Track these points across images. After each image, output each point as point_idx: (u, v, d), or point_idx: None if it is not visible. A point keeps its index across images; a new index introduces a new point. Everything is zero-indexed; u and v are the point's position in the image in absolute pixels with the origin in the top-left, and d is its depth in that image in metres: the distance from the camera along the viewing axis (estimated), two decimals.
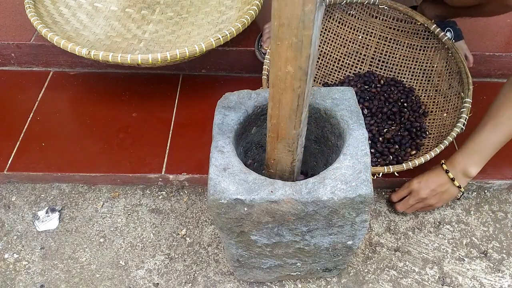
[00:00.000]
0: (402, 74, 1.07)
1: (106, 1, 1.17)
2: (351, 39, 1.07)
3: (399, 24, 1.05)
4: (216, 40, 0.91)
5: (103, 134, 1.04)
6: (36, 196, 0.98)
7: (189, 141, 1.02)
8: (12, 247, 0.90)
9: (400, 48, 1.06)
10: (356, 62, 1.08)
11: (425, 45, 1.04)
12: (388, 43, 1.06)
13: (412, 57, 1.06)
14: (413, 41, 1.05)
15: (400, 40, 1.06)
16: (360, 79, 1.06)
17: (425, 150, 0.94)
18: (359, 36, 1.05)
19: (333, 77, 1.07)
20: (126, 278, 0.86)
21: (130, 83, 1.15)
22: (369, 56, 1.07)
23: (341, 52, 1.07)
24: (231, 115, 0.69)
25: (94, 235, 0.92)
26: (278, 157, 0.64)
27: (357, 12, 1.04)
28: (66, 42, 0.92)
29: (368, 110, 1.01)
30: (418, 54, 1.05)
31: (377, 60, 1.08)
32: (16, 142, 1.01)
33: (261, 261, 0.74)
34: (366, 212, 0.63)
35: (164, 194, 0.99)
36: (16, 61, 1.18)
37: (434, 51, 1.03)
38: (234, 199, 0.59)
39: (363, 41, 1.06)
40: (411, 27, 1.04)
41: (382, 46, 1.07)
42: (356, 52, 1.07)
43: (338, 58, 1.07)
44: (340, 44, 1.07)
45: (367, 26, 1.05)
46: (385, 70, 1.08)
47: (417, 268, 0.88)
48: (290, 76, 0.51)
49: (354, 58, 1.08)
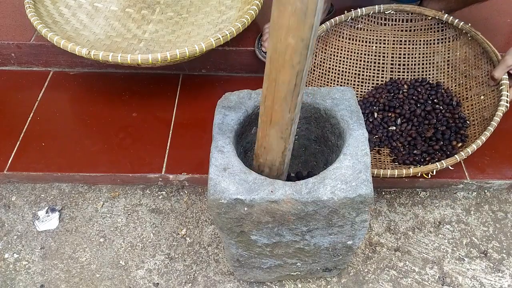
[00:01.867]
0: (427, 71, 1.05)
1: (106, 1, 1.17)
2: (365, 51, 1.05)
3: (409, 25, 1.03)
4: (216, 40, 0.91)
5: (103, 134, 1.04)
6: (36, 196, 0.98)
7: (189, 141, 1.02)
8: (12, 247, 0.90)
9: (417, 47, 1.05)
10: (376, 72, 1.06)
11: (442, 37, 1.02)
12: (403, 46, 1.05)
13: (431, 52, 1.04)
14: (428, 37, 1.03)
15: (415, 40, 1.04)
16: (383, 90, 1.04)
17: (474, 138, 0.92)
18: (372, 47, 1.04)
19: (356, 93, 1.05)
20: (126, 278, 0.86)
21: (130, 83, 1.15)
22: (388, 64, 1.05)
23: (358, 66, 1.05)
24: (231, 115, 0.69)
25: (94, 235, 0.92)
26: (269, 145, 0.61)
27: (364, 24, 1.03)
28: (66, 42, 0.92)
29: (402, 116, 0.99)
30: (437, 47, 1.03)
31: (397, 65, 1.06)
32: (16, 142, 1.01)
33: (261, 261, 0.74)
34: (366, 212, 0.63)
35: (164, 194, 0.99)
36: (16, 61, 1.18)
37: (453, 40, 1.02)
38: (234, 199, 0.59)
39: (378, 50, 1.05)
40: (422, 24, 1.02)
41: (398, 51, 1.05)
42: (374, 62, 1.05)
43: (357, 73, 1.05)
44: (355, 59, 1.05)
45: (378, 36, 1.04)
46: (408, 73, 1.06)
47: (417, 268, 0.88)
48: (291, 49, 0.48)
49: (373, 69, 1.06)
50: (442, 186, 0.99)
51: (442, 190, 1.00)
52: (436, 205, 0.97)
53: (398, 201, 0.98)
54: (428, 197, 0.98)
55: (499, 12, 1.22)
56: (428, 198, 0.98)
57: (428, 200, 0.98)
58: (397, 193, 0.99)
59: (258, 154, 0.64)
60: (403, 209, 0.96)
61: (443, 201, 0.98)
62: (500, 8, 1.23)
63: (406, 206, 0.97)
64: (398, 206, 0.97)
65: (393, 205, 0.97)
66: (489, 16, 1.21)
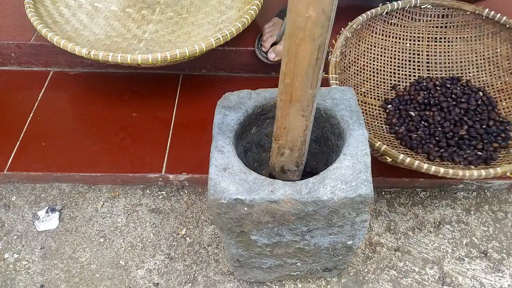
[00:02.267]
0: (465, 70, 1.01)
1: (106, 1, 1.17)
2: (399, 49, 1.01)
3: (445, 21, 0.98)
4: (216, 40, 0.91)
5: (103, 134, 1.04)
6: (36, 196, 0.98)
7: (189, 141, 1.02)
8: (12, 247, 0.90)
9: (453, 45, 1.00)
10: (412, 71, 1.02)
11: (480, 33, 0.98)
12: (439, 44, 1.00)
13: (469, 50, 0.99)
14: (465, 34, 0.99)
15: (451, 37, 0.99)
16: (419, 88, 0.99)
17: None
18: (406, 44, 0.99)
19: (391, 91, 1.00)
20: (126, 278, 0.86)
21: (130, 83, 1.15)
22: (423, 62, 1.01)
23: (393, 64, 1.00)
24: (231, 115, 0.69)
25: (94, 235, 0.92)
26: (290, 124, 0.58)
27: (398, 20, 0.98)
28: (66, 42, 0.92)
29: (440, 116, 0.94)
30: (474, 45, 0.99)
31: (433, 63, 1.01)
32: (16, 142, 1.01)
33: (261, 261, 0.74)
34: (366, 212, 0.63)
35: (164, 194, 0.99)
36: (16, 61, 1.18)
37: (492, 37, 0.98)
38: (234, 199, 0.59)
39: (412, 47, 1.00)
40: (459, 20, 0.97)
41: (433, 48, 1.01)
42: (408, 60, 1.01)
43: (391, 71, 1.01)
44: (390, 56, 1.00)
45: (412, 32, 1.00)
46: (446, 71, 1.01)
47: (417, 268, 0.88)
48: (311, 22, 0.45)
49: (408, 67, 1.01)
50: (442, 186, 0.99)
51: (442, 190, 1.00)
52: (436, 205, 0.97)
53: (398, 201, 0.98)
54: (428, 197, 0.98)
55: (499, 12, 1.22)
56: (428, 198, 0.98)
57: (428, 200, 0.98)
58: (397, 193, 0.99)
59: (278, 135, 0.61)
60: (403, 209, 0.96)
61: (443, 201, 0.98)
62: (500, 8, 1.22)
63: (406, 206, 0.97)
64: (398, 206, 0.97)
65: (393, 205, 0.97)
66: None
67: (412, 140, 0.91)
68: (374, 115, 0.93)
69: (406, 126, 0.93)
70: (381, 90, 0.97)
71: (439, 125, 0.93)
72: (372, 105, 0.94)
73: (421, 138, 0.92)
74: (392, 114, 0.95)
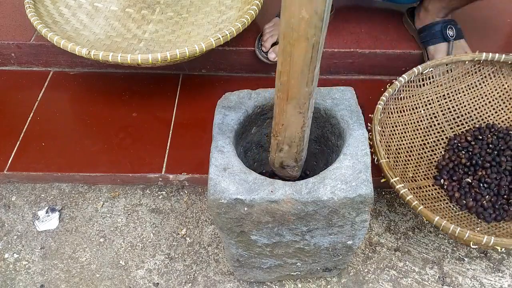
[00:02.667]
0: (484, 115, 0.99)
1: (106, 1, 1.17)
2: (417, 119, 0.98)
3: (447, 76, 0.98)
4: (216, 40, 0.91)
5: (103, 134, 1.04)
6: (36, 196, 0.98)
7: (189, 141, 1.02)
8: (12, 247, 0.90)
9: (461, 96, 0.99)
10: (437, 134, 0.98)
11: (481, 76, 0.98)
12: (448, 100, 0.99)
13: (478, 95, 0.99)
14: (468, 81, 0.98)
15: (457, 89, 0.98)
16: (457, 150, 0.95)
17: None
18: (421, 111, 0.97)
19: (430, 163, 0.96)
20: (126, 278, 0.86)
21: (130, 83, 1.15)
22: (443, 122, 0.99)
23: (418, 136, 0.97)
24: (231, 115, 0.69)
25: (94, 235, 0.92)
26: (287, 121, 0.59)
27: (406, 92, 0.96)
28: (66, 42, 0.92)
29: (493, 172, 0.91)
30: (481, 88, 0.98)
31: (452, 120, 0.99)
32: (16, 142, 1.01)
33: (261, 261, 0.74)
34: (366, 212, 0.63)
35: (164, 194, 0.99)
36: (16, 61, 1.18)
37: (494, 76, 0.98)
38: (234, 199, 0.59)
39: (427, 112, 0.98)
40: (459, 71, 0.97)
41: (445, 105, 0.99)
42: (429, 126, 0.98)
43: (421, 143, 0.97)
44: (412, 130, 0.97)
45: (421, 98, 0.98)
46: (467, 123, 0.99)
47: (417, 268, 0.88)
48: (305, 22, 0.46)
49: (433, 133, 0.98)
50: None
51: None
52: None
53: (398, 201, 0.98)
54: None
55: (499, 12, 1.22)
56: None
57: None
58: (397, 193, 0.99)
59: (276, 131, 0.62)
60: (403, 209, 0.96)
61: None
62: (500, 8, 1.23)
63: (406, 206, 0.97)
64: (398, 206, 0.97)
65: (393, 205, 0.97)
66: (489, 16, 1.21)
67: (487, 210, 0.87)
68: (435, 196, 0.90)
69: (472, 196, 0.88)
70: (424, 167, 0.94)
71: (497, 181, 0.90)
72: (427, 187, 0.91)
73: (492, 203, 0.88)
74: (451, 189, 0.90)
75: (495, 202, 0.88)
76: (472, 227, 0.84)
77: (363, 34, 1.15)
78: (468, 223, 0.86)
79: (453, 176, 0.91)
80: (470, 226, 0.85)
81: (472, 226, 0.85)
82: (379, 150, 0.84)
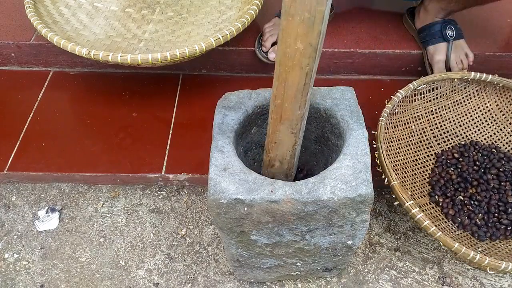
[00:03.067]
0: (468, 132, 1.00)
1: (106, 1, 1.17)
2: (408, 134, 0.97)
3: (436, 92, 0.98)
4: (216, 40, 0.91)
5: (103, 134, 1.04)
6: (36, 196, 0.98)
7: (189, 141, 1.02)
8: (12, 247, 0.90)
9: (447, 112, 1.00)
10: (426, 150, 0.98)
11: (466, 94, 0.99)
12: (436, 115, 1.00)
13: (462, 112, 1.00)
14: (454, 98, 0.99)
15: (443, 105, 0.99)
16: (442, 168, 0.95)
17: None
18: (412, 127, 0.97)
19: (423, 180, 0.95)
20: (126, 278, 0.86)
21: (130, 83, 1.15)
22: (431, 138, 0.99)
23: (407, 152, 0.96)
24: (231, 115, 0.69)
25: (94, 235, 0.92)
26: (280, 140, 0.62)
27: (401, 107, 0.96)
28: (66, 42, 0.92)
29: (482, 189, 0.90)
30: (465, 105, 1.00)
31: (439, 135, 0.99)
32: (16, 142, 1.01)
33: (261, 261, 0.74)
34: (366, 212, 0.63)
35: (164, 194, 0.99)
36: (16, 61, 1.18)
37: (478, 94, 0.99)
38: (234, 199, 0.59)
39: (416, 128, 0.98)
40: (447, 88, 0.98)
41: (432, 120, 0.99)
42: (419, 141, 0.98)
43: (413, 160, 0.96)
44: (405, 145, 0.95)
45: (413, 113, 0.98)
46: (453, 139, 0.99)
47: (417, 268, 0.88)
48: (299, 53, 0.50)
49: (422, 149, 0.97)
50: None
51: None
52: None
53: None
54: None
55: (499, 12, 1.22)
56: None
57: None
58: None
59: (269, 149, 0.65)
60: (403, 209, 0.96)
61: None
62: (500, 8, 1.23)
63: None
64: (398, 206, 0.97)
65: (393, 205, 0.97)
66: (489, 16, 1.21)
67: (481, 228, 0.86)
68: (434, 215, 0.88)
69: (466, 214, 0.88)
70: (418, 184, 0.93)
71: (487, 199, 0.89)
72: (425, 205, 0.90)
73: (485, 221, 0.87)
74: (446, 206, 0.89)
75: (487, 220, 0.87)
76: (474, 248, 0.83)
77: (363, 34, 1.15)
78: (469, 243, 0.84)
79: (446, 193, 0.90)
80: (472, 247, 0.83)
81: (474, 247, 0.84)
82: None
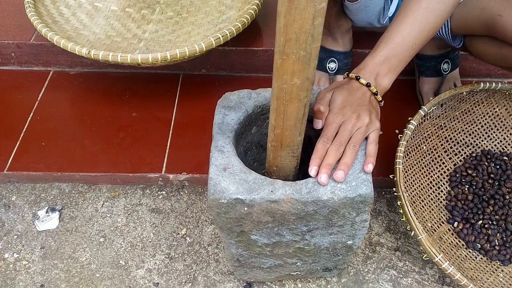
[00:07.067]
0: (479, 142, 0.98)
1: (106, 1, 1.17)
2: (418, 158, 0.92)
3: (443, 108, 0.95)
4: (216, 39, 0.91)
5: (103, 134, 1.04)
6: (36, 195, 0.98)
7: (189, 141, 1.02)
8: (12, 247, 0.90)
9: (456, 123, 0.97)
10: (441, 169, 0.95)
11: (474, 102, 0.97)
12: (445, 128, 0.97)
13: (471, 121, 0.98)
14: (461, 108, 0.97)
15: (451, 117, 0.97)
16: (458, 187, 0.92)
17: None
18: (423, 147, 0.93)
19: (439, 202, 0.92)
20: (126, 278, 0.86)
21: (130, 83, 1.15)
22: (441, 153, 0.96)
23: (421, 177, 0.91)
24: (231, 115, 0.69)
25: (94, 234, 0.92)
26: (281, 164, 0.64)
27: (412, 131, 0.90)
28: (66, 42, 0.92)
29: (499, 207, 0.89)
30: (473, 113, 0.98)
31: (449, 148, 0.97)
32: (16, 142, 1.01)
33: (261, 260, 0.74)
34: (366, 212, 0.63)
35: (164, 193, 0.99)
36: (16, 60, 1.18)
37: (486, 100, 0.97)
38: (234, 199, 0.59)
39: (428, 148, 0.94)
40: (456, 101, 0.96)
41: (442, 135, 0.96)
42: (431, 161, 0.94)
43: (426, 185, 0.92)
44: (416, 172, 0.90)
45: (422, 133, 0.93)
46: (464, 151, 0.97)
47: (417, 268, 0.88)
48: (297, 87, 0.51)
49: (433, 168, 0.94)
50: None
51: None
52: None
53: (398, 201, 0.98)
54: None
55: None
56: None
57: None
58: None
59: (271, 172, 0.67)
60: None
61: None
62: None
63: None
64: (398, 206, 0.97)
65: (393, 205, 0.97)
66: None
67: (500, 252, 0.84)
68: (455, 244, 0.85)
69: (485, 239, 0.86)
70: (436, 210, 0.89)
71: (504, 216, 0.87)
72: (445, 234, 0.86)
73: (503, 242, 0.85)
74: (466, 233, 0.86)
75: (506, 240, 0.85)
76: (496, 274, 0.82)
77: (363, 34, 1.15)
78: (491, 269, 0.83)
79: (464, 217, 0.88)
80: (494, 273, 0.82)
81: (496, 272, 0.82)
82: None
